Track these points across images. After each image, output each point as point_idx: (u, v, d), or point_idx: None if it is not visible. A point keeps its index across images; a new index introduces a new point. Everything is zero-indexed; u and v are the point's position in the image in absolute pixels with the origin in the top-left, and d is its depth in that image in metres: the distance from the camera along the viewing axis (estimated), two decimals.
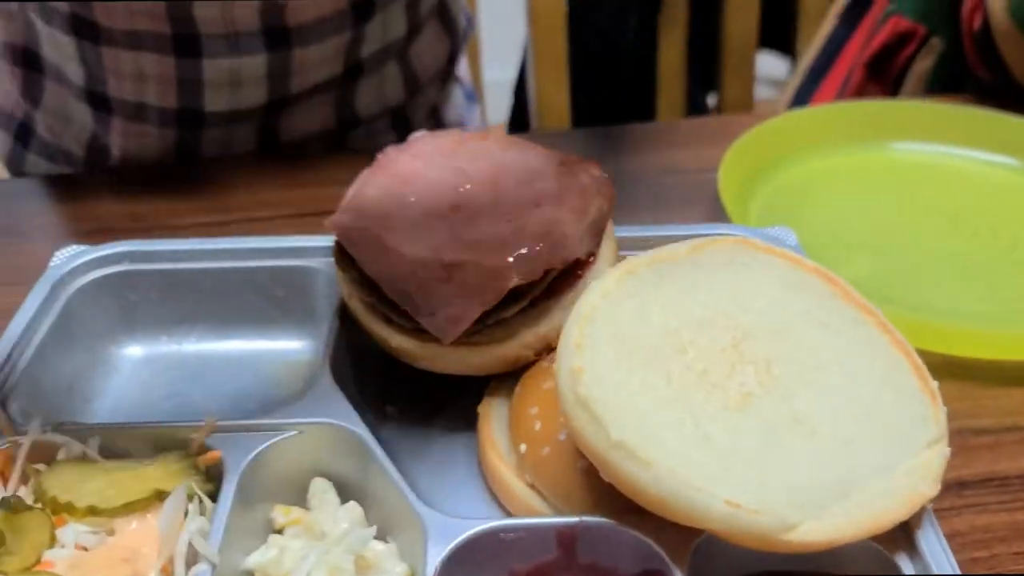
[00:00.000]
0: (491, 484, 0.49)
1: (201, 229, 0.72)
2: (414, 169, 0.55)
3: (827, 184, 0.77)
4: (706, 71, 1.46)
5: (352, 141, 0.94)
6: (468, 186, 0.54)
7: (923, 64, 0.97)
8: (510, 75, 1.46)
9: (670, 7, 1.30)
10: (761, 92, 1.42)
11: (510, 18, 1.24)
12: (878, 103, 0.83)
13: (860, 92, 1.02)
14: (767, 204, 0.74)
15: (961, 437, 0.53)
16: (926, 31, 0.96)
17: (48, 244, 0.70)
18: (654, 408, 0.40)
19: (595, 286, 0.45)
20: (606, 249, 0.55)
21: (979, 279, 0.65)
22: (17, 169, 0.93)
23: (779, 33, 1.44)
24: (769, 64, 1.57)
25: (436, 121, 1.03)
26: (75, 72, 0.82)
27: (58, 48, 0.82)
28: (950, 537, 0.45)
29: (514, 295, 0.49)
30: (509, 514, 0.48)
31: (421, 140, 0.58)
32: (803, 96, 1.13)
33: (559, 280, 0.52)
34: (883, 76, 1.00)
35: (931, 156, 0.79)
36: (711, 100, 1.56)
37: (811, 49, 1.13)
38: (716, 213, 0.73)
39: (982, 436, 0.54)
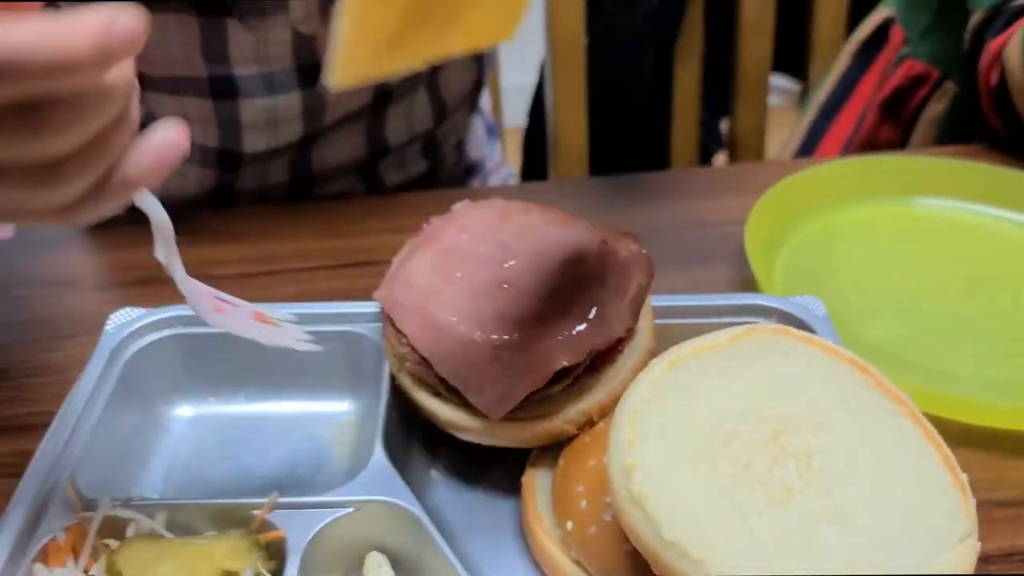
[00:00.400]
0: (537, 558, 0.52)
1: (244, 280, 0.74)
2: (460, 243, 0.58)
3: (850, 239, 0.79)
4: (720, 97, 1.48)
5: (383, 170, 0.95)
6: (513, 262, 0.56)
7: (936, 107, 0.99)
8: (528, 80, 1.47)
9: (687, 36, 1.32)
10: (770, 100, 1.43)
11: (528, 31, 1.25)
12: (900, 158, 0.85)
13: (873, 133, 1.04)
14: (792, 261, 0.76)
15: (983, 509, 0.55)
16: (940, 74, 0.98)
17: (96, 294, 0.73)
18: (702, 504, 0.42)
19: (643, 377, 0.47)
20: (644, 322, 0.58)
21: (999, 345, 0.68)
22: None
23: (790, 58, 1.46)
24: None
25: (460, 154, 1.06)
26: None
27: None
28: None
29: (559, 374, 0.52)
30: None
31: (466, 211, 0.61)
32: (817, 131, 1.15)
33: (600, 356, 0.54)
34: (896, 118, 1.03)
35: (952, 212, 0.81)
36: (723, 125, 1.58)
37: (825, 85, 1.15)
38: (741, 268, 0.75)
39: (1005, 508, 0.56)
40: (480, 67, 1.00)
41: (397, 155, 0.95)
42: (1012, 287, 0.72)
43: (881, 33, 1.07)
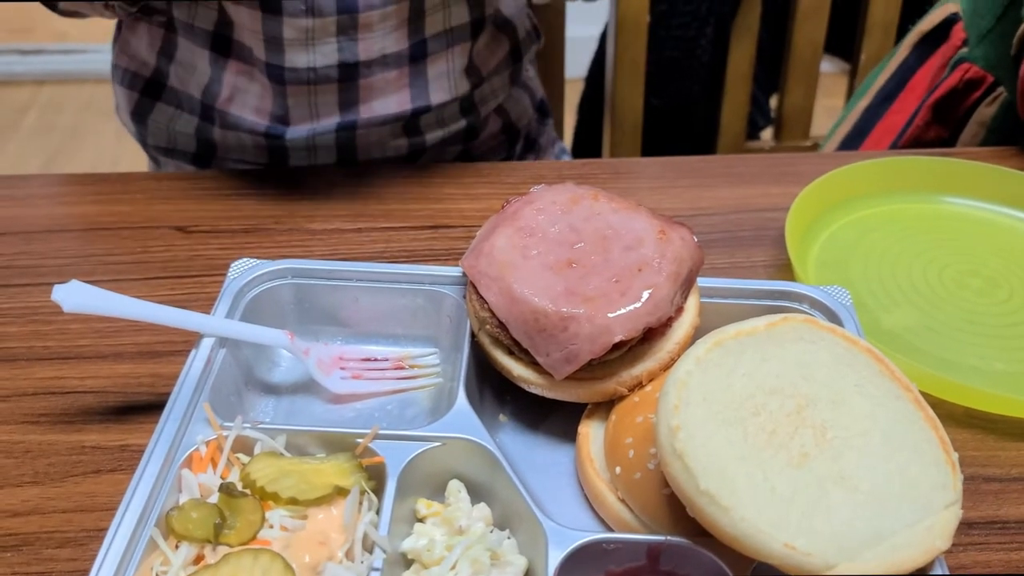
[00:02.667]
0: (588, 494, 0.61)
1: (336, 235, 0.84)
2: (537, 223, 0.66)
3: (880, 232, 0.87)
4: (771, 76, 1.53)
5: (424, 126, 1.02)
6: (581, 244, 0.65)
7: (987, 111, 1.04)
8: (592, 31, 1.52)
9: (744, 15, 1.37)
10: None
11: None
12: (933, 159, 0.91)
13: (923, 131, 1.10)
14: (826, 249, 0.84)
15: (974, 483, 0.65)
16: (994, 80, 1.03)
17: (204, 239, 0.83)
18: (733, 462, 0.51)
19: (690, 353, 0.56)
20: (691, 301, 0.66)
21: (1007, 340, 0.76)
22: (143, 119, 1.05)
23: (841, 39, 1.50)
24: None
25: (505, 122, 1.12)
26: (206, 19, 0.94)
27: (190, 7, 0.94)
28: (954, 569, 0.57)
29: (616, 345, 0.61)
30: (602, 520, 0.60)
31: (541, 194, 0.69)
32: (870, 118, 1.20)
33: (651, 330, 0.63)
34: (947, 118, 1.08)
35: (978, 212, 0.89)
36: (772, 102, 1.63)
37: (883, 73, 1.20)
38: (779, 252, 0.83)
39: (991, 483, 0.65)
40: (513, 39, 1.06)
41: (436, 112, 1.01)
42: None
43: (944, 28, 1.11)
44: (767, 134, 1.70)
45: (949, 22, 1.10)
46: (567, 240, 0.65)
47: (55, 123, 2.84)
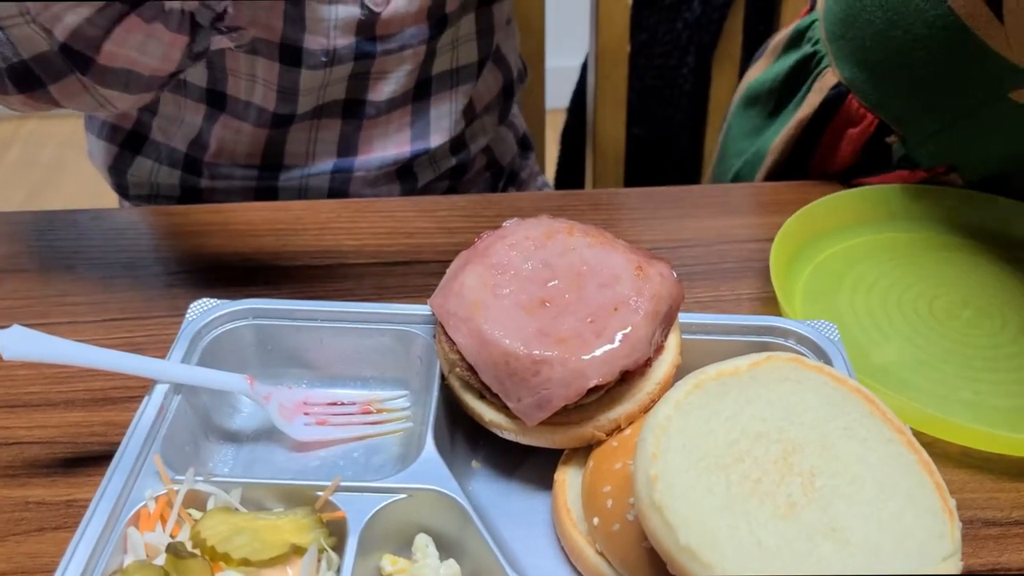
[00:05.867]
0: (565, 547, 0.58)
1: (305, 271, 0.80)
2: (510, 259, 0.63)
3: (867, 263, 0.84)
4: None
5: (417, 167, 1.01)
6: (555, 282, 0.62)
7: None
8: (573, 63, 1.50)
9: (725, 44, 1.36)
10: None
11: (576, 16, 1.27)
12: (927, 188, 0.89)
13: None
14: (812, 281, 0.81)
15: (973, 527, 0.61)
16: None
17: (167, 278, 0.80)
18: (715, 514, 0.48)
19: (668, 397, 0.53)
20: (672, 338, 0.63)
21: (1002, 373, 0.73)
22: (121, 172, 1.02)
23: None
24: None
25: (490, 159, 1.11)
26: (199, 76, 0.91)
27: None
28: None
29: (591, 389, 0.58)
30: (580, 575, 0.56)
31: (515, 228, 0.66)
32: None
33: (629, 371, 0.60)
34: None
35: (969, 241, 0.86)
36: None
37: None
38: (763, 284, 0.80)
39: (991, 527, 0.61)
40: (507, 77, 1.06)
41: (431, 154, 1.01)
42: (1021, 317, 0.77)
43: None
44: None
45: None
46: (540, 278, 0.62)
47: (37, 158, 2.81)
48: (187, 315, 0.66)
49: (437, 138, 1.00)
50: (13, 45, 0.64)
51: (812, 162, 0.95)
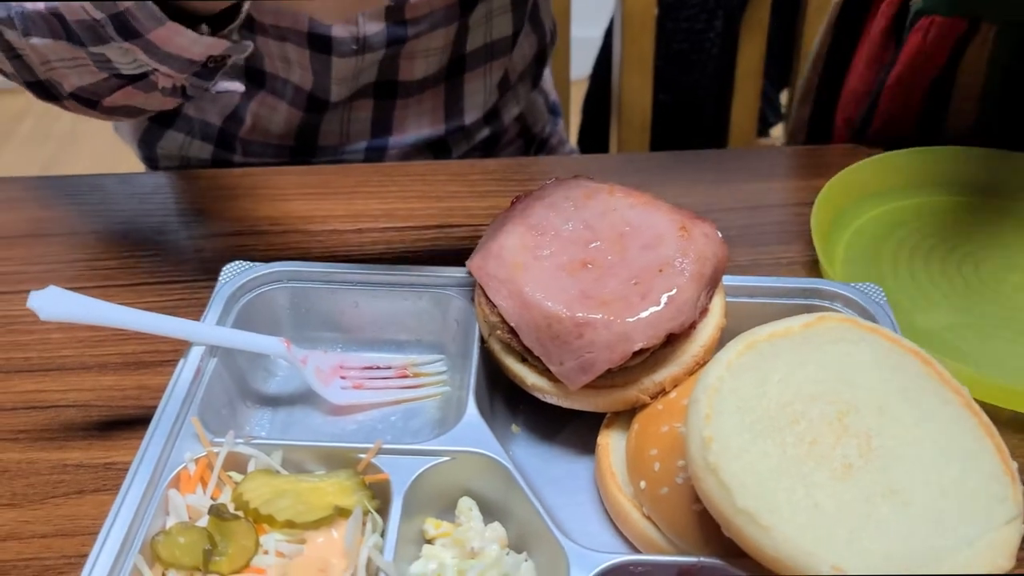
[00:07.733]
0: (610, 510, 0.57)
1: (334, 236, 0.79)
2: (548, 221, 0.62)
3: (910, 226, 0.82)
4: (780, 69, 1.49)
5: (453, 144, 1.00)
6: (597, 243, 0.60)
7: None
8: (595, 32, 1.48)
9: (753, 9, 1.33)
10: None
11: None
12: (970, 150, 0.86)
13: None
14: (853, 244, 0.80)
15: None
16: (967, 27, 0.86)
17: (196, 242, 0.78)
18: (771, 476, 0.47)
19: (720, 358, 0.51)
20: (717, 301, 0.62)
21: None
22: (150, 145, 1.00)
23: None
24: None
25: (523, 126, 1.09)
26: None
27: None
28: None
29: (636, 352, 0.56)
30: (626, 539, 0.55)
31: (553, 189, 0.65)
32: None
33: (675, 334, 0.58)
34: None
35: (1013, 204, 0.84)
36: (782, 97, 1.59)
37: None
38: (803, 248, 0.79)
39: None
40: (541, 41, 1.04)
41: (464, 129, 0.99)
42: None
43: None
44: (777, 131, 1.66)
45: None
46: (582, 239, 0.61)
47: (51, 130, 2.80)
48: (220, 278, 0.65)
49: (472, 114, 0.98)
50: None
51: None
